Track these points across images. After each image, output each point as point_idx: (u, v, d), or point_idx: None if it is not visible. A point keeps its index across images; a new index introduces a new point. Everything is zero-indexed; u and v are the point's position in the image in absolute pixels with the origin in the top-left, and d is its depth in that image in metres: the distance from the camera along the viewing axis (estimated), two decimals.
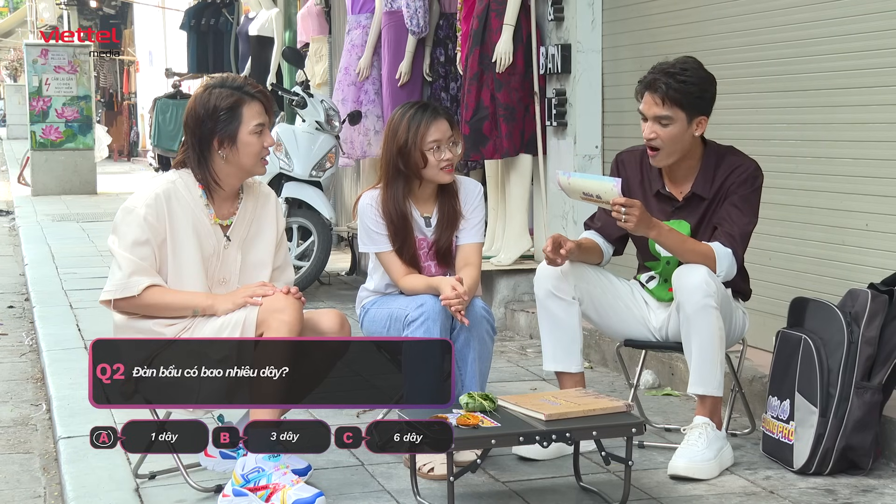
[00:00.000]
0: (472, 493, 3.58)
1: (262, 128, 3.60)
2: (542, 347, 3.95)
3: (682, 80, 3.79)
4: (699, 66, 3.87)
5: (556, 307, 3.88)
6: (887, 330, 3.70)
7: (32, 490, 4.19)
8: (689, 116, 3.81)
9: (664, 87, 3.80)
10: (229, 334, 3.48)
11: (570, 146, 6.17)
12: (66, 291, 7.80)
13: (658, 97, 3.81)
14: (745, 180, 3.86)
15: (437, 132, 3.91)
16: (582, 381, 3.92)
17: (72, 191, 16.19)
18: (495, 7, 6.28)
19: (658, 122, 3.82)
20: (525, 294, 6.43)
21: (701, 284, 3.69)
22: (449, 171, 3.96)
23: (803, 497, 3.55)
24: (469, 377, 3.78)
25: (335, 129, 7.69)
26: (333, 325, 3.64)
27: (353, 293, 5.63)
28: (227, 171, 3.59)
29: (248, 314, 3.49)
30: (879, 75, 4.26)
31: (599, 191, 3.70)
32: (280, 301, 3.49)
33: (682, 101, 3.79)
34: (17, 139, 28.47)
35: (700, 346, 3.72)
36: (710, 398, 3.79)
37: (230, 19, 13.37)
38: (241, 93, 3.57)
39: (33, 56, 16.40)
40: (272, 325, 3.44)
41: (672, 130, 3.82)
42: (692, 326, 3.72)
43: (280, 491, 3.33)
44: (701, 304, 3.69)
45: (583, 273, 3.92)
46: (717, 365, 3.75)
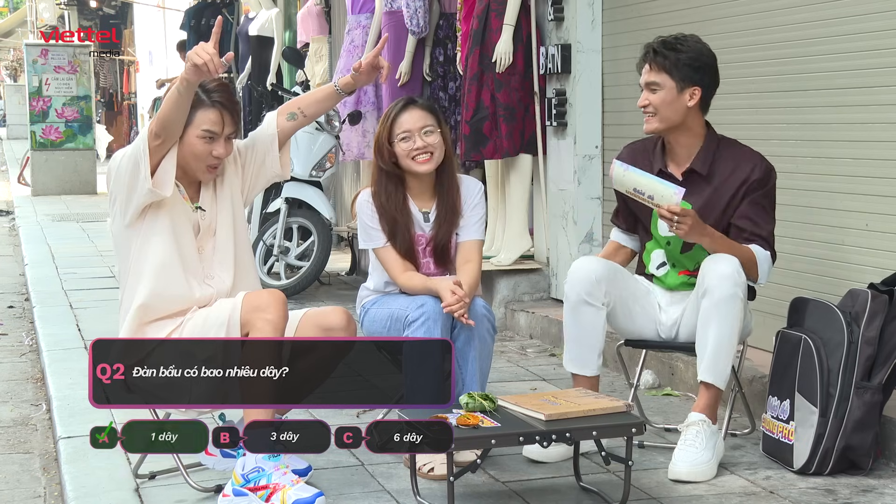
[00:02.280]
0: (472, 493, 3.58)
1: (211, 134, 3.56)
2: (565, 347, 3.96)
3: (672, 48, 3.87)
4: (697, 40, 3.93)
5: (586, 313, 3.86)
6: (887, 330, 3.70)
7: (32, 490, 4.19)
8: (678, 84, 3.85)
9: (653, 54, 3.90)
10: (214, 334, 3.47)
11: (570, 146, 6.17)
12: (66, 291, 7.80)
13: (648, 63, 3.91)
14: (765, 177, 3.90)
15: (407, 122, 3.93)
16: (596, 384, 3.93)
17: (72, 191, 16.19)
18: (495, 7, 6.28)
19: (649, 88, 3.90)
20: (525, 294, 6.43)
21: (733, 274, 3.71)
22: (425, 161, 3.94)
23: (803, 497, 3.55)
24: (470, 376, 3.78)
25: (335, 129, 7.69)
26: (340, 320, 3.65)
27: (353, 293, 5.63)
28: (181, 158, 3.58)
29: (231, 314, 3.48)
30: (879, 75, 4.26)
31: (656, 192, 3.70)
32: (263, 299, 3.48)
33: (670, 68, 3.85)
34: (17, 139, 28.46)
35: (719, 335, 3.72)
36: (714, 390, 3.78)
37: (230, 19, 13.36)
38: (204, 95, 3.57)
39: (33, 56, 16.40)
40: (256, 325, 3.43)
41: (661, 95, 3.87)
42: (717, 313, 3.71)
43: (280, 491, 3.33)
44: (730, 293, 3.70)
45: (615, 278, 3.92)
46: (730, 357, 3.78)
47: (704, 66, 3.89)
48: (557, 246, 6.25)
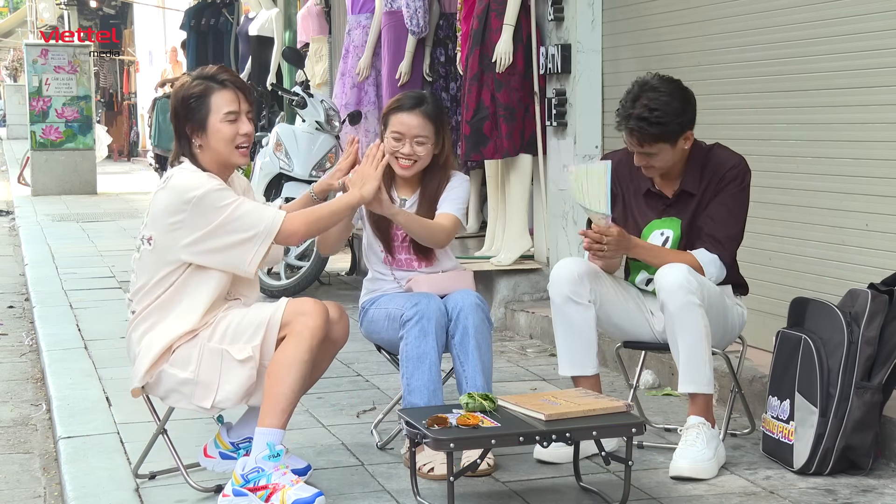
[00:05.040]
0: (472, 493, 3.58)
1: (234, 115, 3.54)
2: (558, 352, 3.92)
3: (655, 122, 3.76)
4: (669, 95, 3.80)
5: (573, 312, 3.85)
6: (887, 330, 3.69)
7: (32, 490, 4.19)
8: (673, 143, 3.82)
9: (639, 134, 3.80)
10: (251, 335, 3.47)
11: (570, 146, 6.17)
12: (66, 291, 7.80)
13: (636, 141, 3.83)
14: (735, 177, 3.87)
15: (404, 124, 3.94)
16: (598, 383, 3.92)
17: (72, 191, 16.18)
18: (495, 7, 6.28)
19: (645, 156, 3.84)
20: (525, 294, 6.43)
21: (682, 283, 3.68)
22: (406, 167, 3.95)
23: (803, 497, 3.55)
24: (472, 368, 3.77)
25: (335, 129, 7.69)
26: (333, 313, 3.63)
27: (353, 293, 5.65)
28: (208, 160, 3.55)
29: (273, 314, 3.48)
30: (879, 75, 4.26)
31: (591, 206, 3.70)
32: (308, 305, 3.48)
33: (662, 137, 3.79)
34: (17, 139, 28.47)
35: (686, 345, 3.71)
36: (702, 396, 3.78)
37: (230, 19, 13.37)
38: (211, 81, 3.55)
39: (33, 56, 16.40)
40: (296, 328, 3.43)
41: (661, 157, 3.84)
42: (676, 325, 3.71)
43: (280, 491, 3.33)
44: (683, 303, 3.68)
45: (598, 276, 3.91)
46: (706, 362, 3.74)
47: (685, 111, 3.82)
48: (557, 246, 6.25)
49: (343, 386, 5.03)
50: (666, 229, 3.93)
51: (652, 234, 3.94)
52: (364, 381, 5.14)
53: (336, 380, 5.04)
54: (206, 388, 3.48)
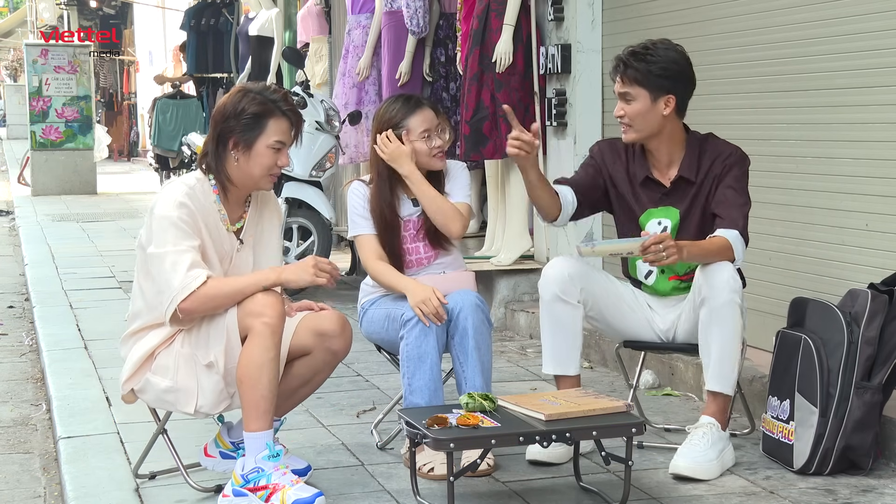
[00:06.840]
0: (472, 493, 3.58)
1: (281, 145, 3.54)
2: (543, 350, 3.93)
3: (642, 59, 3.83)
4: (668, 46, 3.88)
5: (562, 311, 3.85)
6: (887, 330, 3.69)
7: (32, 490, 4.19)
8: (651, 94, 3.83)
9: (623, 67, 3.86)
10: (214, 340, 3.46)
11: (570, 146, 6.17)
12: (66, 291, 7.80)
13: (619, 76, 3.88)
14: (735, 163, 3.89)
15: (426, 121, 3.97)
16: (578, 384, 3.91)
17: (72, 191, 16.19)
18: (495, 7, 6.28)
19: (623, 98, 3.88)
20: (525, 294, 6.43)
21: (729, 280, 3.70)
22: (441, 157, 4.02)
23: (803, 497, 3.55)
24: (471, 368, 3.77)
25: (335, 129, 7.69)
26: (335, 326, 3.62)
27: (352, 293, 5.64)
28: (237, 175, 3.54)
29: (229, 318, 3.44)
30: (879, 75, 4.25)
31: (629, 250, 3.68)
32: (258, 303, 3.42)
33: (641, 80, 3.83)
34: (17, 139, 28.49)
35: (722, 342, 3.72)
36: (722, 397, 3.78)
37: (230, 19, 13.38)
38: (274, 105, 3.53)
39: (33, 56, 16.41)
40: (255, 329, 3.38)
41: (635, 107, 3.85)
42: (716, 321, 3.71)
43: (280, 491, 3.33)
44: (728, 300, 3.69)
45: (589, 275, 3.91)
46: (736, 363, 3.76)
47: (676, 74, 3.85)
48: (557, 246, 6.25)
49: (343, 386, 5.03)
50: (664, 218, 3.93)
51: (649, 222, 3.94)
52: (364, 381, 5.14)
53: (336, 380, 5.04)
54: (186, 394, 3.49)
